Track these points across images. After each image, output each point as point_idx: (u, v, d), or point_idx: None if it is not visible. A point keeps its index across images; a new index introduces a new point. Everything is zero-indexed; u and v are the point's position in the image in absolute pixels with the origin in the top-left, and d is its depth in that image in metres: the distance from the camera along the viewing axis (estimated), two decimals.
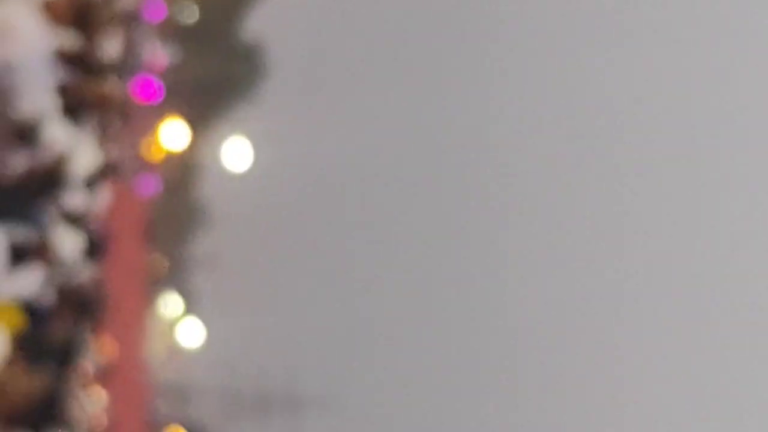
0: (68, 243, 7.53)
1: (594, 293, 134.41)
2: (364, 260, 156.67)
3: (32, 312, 6.55)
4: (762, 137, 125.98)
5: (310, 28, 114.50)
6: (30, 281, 6.93)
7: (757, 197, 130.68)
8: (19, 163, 5.89)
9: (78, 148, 6.43)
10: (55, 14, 7.75)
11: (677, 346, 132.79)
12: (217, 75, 60.51)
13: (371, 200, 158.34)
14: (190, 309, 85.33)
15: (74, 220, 10.19)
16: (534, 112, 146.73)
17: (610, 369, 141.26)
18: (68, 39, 8.62)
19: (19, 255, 6.07)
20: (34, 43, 6.50)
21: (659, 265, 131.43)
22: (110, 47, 11.12)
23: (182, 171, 64.31)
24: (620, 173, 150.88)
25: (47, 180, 7.65)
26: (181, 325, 66.22)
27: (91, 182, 9.80)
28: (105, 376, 36.33)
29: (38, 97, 6.96)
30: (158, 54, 48.29)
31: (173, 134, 51.46)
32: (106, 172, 9.92)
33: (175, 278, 78.08)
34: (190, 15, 56.15)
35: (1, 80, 5.69)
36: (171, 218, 65.35)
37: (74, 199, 10.01)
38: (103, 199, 11.31)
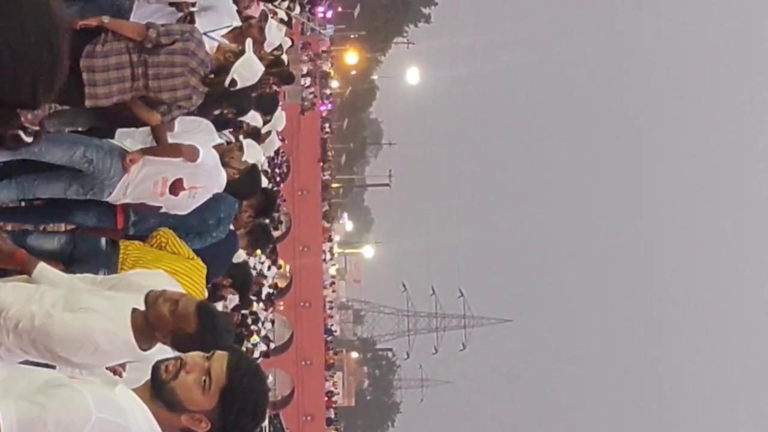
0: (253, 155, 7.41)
1: None
2: (536, 179, 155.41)
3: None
4: None
5: None
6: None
7: None
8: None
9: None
10: None
11: None
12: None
13: (543, 117, 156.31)
14: (364, 229, 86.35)
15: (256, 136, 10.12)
16: None
17: None
18: None
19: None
20: None
21: None
22: None
23: (358, 91, 64.35)
24: None
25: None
26: (355, 245, 66.81)
27: (270, 104, 9.55)
28: (285, 297, 36.90)
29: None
30: None
31: (349, 55, 51.36)
32: (286, 79, 9.71)
33: (351, 199, 78.95)
34: None
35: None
36: (347, 140, 65.73)
37: (256, 121, 9.93)
38: (281, 119, 11.04)
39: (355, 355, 68.26)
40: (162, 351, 3.95)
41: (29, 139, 4.99)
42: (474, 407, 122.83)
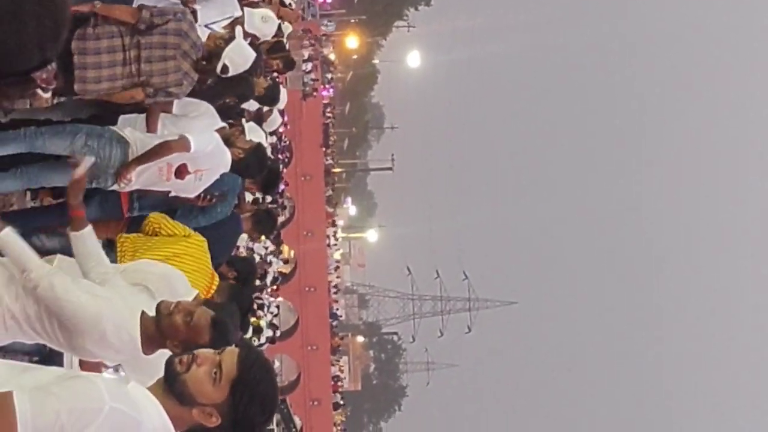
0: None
1: None
2: (538, 161, 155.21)
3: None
4: None
5: None
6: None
7: None
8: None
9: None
10: None
11: None
12: None
13: (545, 100, 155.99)
14: (368, 213, 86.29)
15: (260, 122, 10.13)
16: None
17: None
18: None
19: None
20: None
21: None
22: None
23: (359, 76, 64.23)
24: None
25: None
26: (359, 229, 66.80)
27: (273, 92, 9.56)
28: (290, 282, 36.97)
29: None
30: None
31: (350, 40, 51.25)
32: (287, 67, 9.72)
33: (354, 183, 78.83)
34: None
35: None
36: (349, 124, 65.61)
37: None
38: (283, 98, 11.04)
39: (360, 339, 68.34)
40: (162, 357, 4.02)
41: (47, 95, 5.09)
42: (480, 390, 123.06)
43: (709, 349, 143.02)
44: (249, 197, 8.98)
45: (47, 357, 5.30)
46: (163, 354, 3.95)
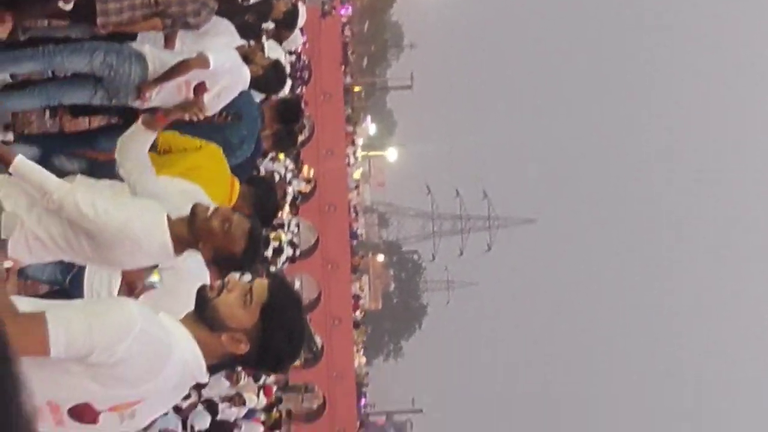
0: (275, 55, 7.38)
1: None
2: (560, 77, 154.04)
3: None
4: None
5: None
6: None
7: None
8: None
9: None
10: None
11: None
12: None
13: (567, 16, 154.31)
14: (387, 132, 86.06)
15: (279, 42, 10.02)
16: None
17: None
18: None
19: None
20: None
21: None
22: None
23: None
24: None
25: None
26: (378, 149, 66.69)
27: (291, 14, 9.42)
28: (309, 202, 37.04)
29: None
30: None
31: None
32: None
33: (373, 102, 78.51)
34: None
35: None
36: (368, 43, 65.08)
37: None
38: (303, 16, 10.89)
39: (380, 258, 68.63)
40: (195, 262, 4.07)
41: (68, 7, 5.11)
42: (499, 308, 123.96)
43: (726, 257, 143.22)
44: None
45: (66, 290, 5.37)
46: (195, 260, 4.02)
